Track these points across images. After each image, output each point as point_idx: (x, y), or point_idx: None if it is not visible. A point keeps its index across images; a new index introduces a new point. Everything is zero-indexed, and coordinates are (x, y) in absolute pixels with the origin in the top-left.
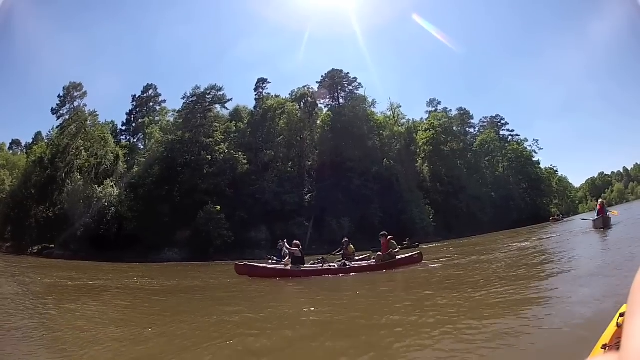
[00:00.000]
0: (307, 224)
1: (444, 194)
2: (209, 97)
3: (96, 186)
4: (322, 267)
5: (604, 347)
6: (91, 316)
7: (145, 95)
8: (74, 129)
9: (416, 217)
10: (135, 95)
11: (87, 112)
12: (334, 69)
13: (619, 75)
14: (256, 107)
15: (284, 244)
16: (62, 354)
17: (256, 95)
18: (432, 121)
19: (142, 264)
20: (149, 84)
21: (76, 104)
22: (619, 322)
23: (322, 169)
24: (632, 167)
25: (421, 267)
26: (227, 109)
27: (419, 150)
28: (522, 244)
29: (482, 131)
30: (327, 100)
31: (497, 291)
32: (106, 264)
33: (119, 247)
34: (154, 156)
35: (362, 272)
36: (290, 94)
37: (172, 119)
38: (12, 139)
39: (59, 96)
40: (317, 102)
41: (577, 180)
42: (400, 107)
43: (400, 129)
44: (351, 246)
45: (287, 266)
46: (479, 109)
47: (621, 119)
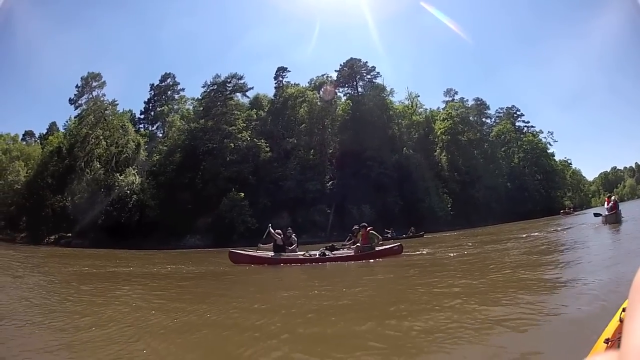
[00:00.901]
0: (328, 211)
1: (461, 183)
2: (229, 85)
3: (117, 174)
4: (303, 256)
5: (607, 341)
6: (130, 302)
7: (163, 84)
8: (93, 119)
9: (435, 206)
10: (153, 84)
11: (106, 102)
12: (352, 58)
13: (627, 68)
14: (276, 95)
15: (270, 229)
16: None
17: (276, 83)
18: (449, 111)
19: (164, 251)
20: (166, 73)
21: (95, 93)
22: (621, 317)
23: (343, 157)
24: None
25: (401, 257)
26: (248, 97)
27: (437, 139)
28: (535, 234)
29: (497, 122)
30: (346, 88)
31: (494, 281)
32: (128, 251)
33: (140, 234)
34: (175, 144)
35: (341, 262)
36: (309, 82)
37: (191, 108)
38: (25, 130)
39: (77, 86)
40: (336, 91)
41: (590, 173)
42: (418, 96)
43: (418, 118)
44: (362, 233)
45: (270, 252)
46: (490, 98)
47: (633, 112)
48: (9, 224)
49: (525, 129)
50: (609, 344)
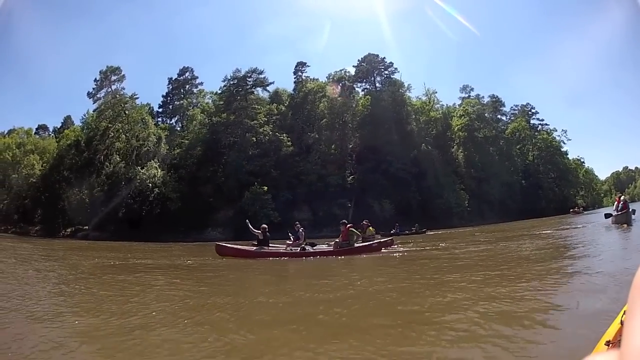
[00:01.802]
0: (349, 205)
1: (477, 180)
2: (249, 80)
3: (138, 168)
4: (284, 250)
5: (607, 343)
6: (164, 294)
7: (181, 77)
8: (113, 112)
9: (452, 202)
10: (171, 77)
11: (126, 96)
12: (370, 54)
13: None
14: (295, 90)
15: (249, 225)
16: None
17: (295, 78)
18: (466, 107)
19: (185, 243)
20: (185, 67)
21: (114, 87)
22: (622, 320)
23: (363, 152)
24: None
25: (380, 255)
26: (268, 92)
27: (454, 136)
28: (545, 232)
29: (512, 119)
30: (363, 84)
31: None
32: (151, 244)
33: (161, 227)
34: (196, 137)
35: (319, 257)
36: (327, 77)
37: (210, 101)
38: (39, 124)
39: (95, 80)
40: (354, 86)
41: (602, 173)
42: (435, 92)
43: (435, 114)
44: (370, 228)
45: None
46: (502, 95)
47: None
48: (22, 217)
49: (539, 126)
50: (610, 346)
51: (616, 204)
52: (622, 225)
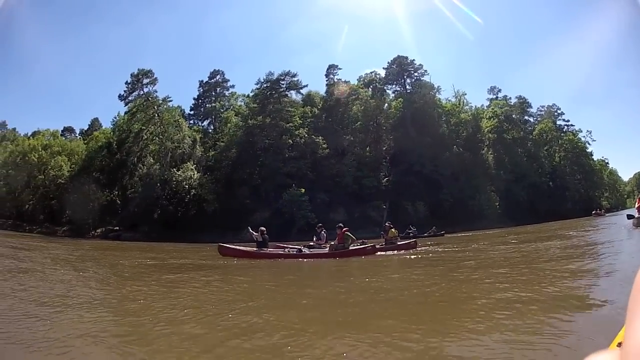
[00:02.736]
0: (384, 207)
1: (506, 181)
2: (283, 82)
3: (174, 170)
4: (283, 252)
5: (619, 345)
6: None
7: (212, 80)
8: (145, 115)
9: (483, 204)
10: (202, 80)
11: (158, 98)
12: (399, 56)
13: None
14: (327, 93)
15: (249, 229)
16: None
17: (327, 80)
18: (494, 109)
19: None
20: (215, 70)
21: (145, 90)
22: None
23: (397, 154)
24: None
25: (374, 257)
26: (302, 94)
27: (483, 137)
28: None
29: (539, 120)
30: (394, 86)
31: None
32: (187, 245)
33: (197, 228)
34: (231, 140)
35: (316, 259)
36: (358, 79)
37: (243, 104)
38: (64, 126)
39: (127, 83)
40: (385, 88)
41: (625, 174)
42: (465, 94)
43: (466, 116)
44: (392, 230)
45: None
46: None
47: None
48: (48, 218)
49: (565, 127)
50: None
51: (637, 203)
52: None
